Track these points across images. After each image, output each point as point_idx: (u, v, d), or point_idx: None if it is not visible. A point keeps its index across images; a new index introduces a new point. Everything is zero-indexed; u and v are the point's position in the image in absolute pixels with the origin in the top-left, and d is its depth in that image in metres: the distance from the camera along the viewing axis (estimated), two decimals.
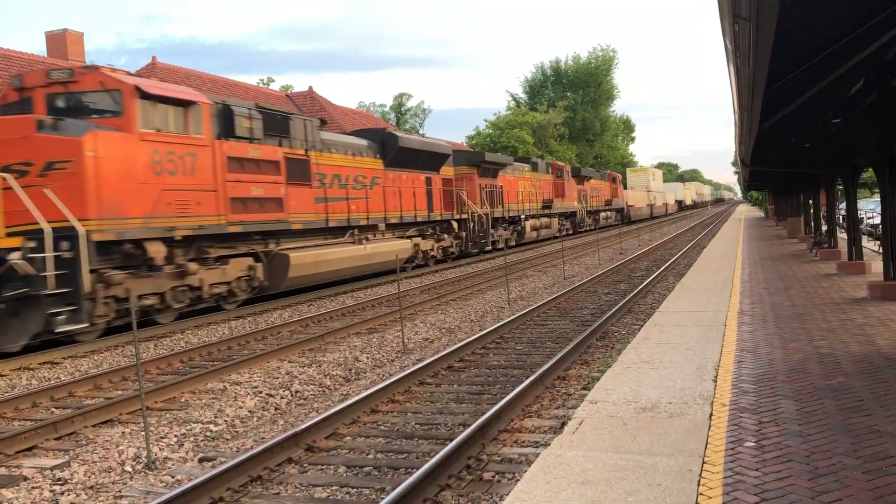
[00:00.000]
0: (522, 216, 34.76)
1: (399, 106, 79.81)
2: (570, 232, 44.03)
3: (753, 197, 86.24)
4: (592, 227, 49.49)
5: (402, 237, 23.01)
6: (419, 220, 23.91)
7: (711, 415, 5.59)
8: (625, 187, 68.96)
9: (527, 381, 7.77)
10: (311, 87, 38.78)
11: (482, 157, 30.67)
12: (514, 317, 12.68)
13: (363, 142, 21.44)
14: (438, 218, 25.53)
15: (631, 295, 14.87)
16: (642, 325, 10.28)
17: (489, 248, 30.06)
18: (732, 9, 4.62)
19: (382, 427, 7.09)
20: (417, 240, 24.06)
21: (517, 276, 20.97)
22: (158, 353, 11.80)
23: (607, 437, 5.24)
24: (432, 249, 25.39)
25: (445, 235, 26.29)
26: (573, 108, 77.17)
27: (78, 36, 27.71)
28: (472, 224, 28.38)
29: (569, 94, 79.96)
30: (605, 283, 18.41)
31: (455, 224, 27.15)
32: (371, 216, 20.61)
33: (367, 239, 20.33)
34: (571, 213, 44.78)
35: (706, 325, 9.51)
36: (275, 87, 54.41)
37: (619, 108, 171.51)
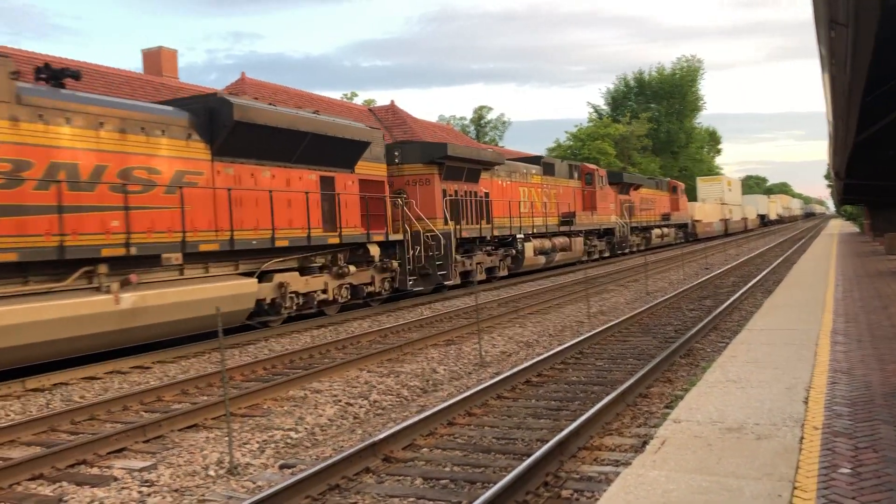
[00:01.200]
0: (519, 235, 25.48)
1: (479, 119, 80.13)
2: (606, 255, 35.42)
3: (847, 211, 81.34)
4: (642, 248, 40.82)
5: (244, 273, 14.14)
6: (296, 243, 15.17)
7: (802, 438, 5.33)
8: (694, 199, 63.31)
9: (607, 397, 7.61)
10: (392, 101, 39.31)
11: (443, 150, 20.97)
12: (594, 332, 12.47)
13: (165, 113, 13.14)
14: (342, 240, 16.59)
15: (717, 311, 14.42)
16: (728, 343, 9.94)
17: (451, 280, 20.66)
18: (829, 14, 4.43)
19: (459, 440, 7.05)
20: (287, 276, 15.11)
21: (597, 291, 20.65)
22: (243, 360, 12.10)
23: (691, 457, 5.07)
24: (325, 290, 16.30)
25: (352, 267, 17.02)
26: (657, 119, 75.75)
27: (171, 53, 28.86)
28: (419, 248, 19.75)
29: (653, 105, 78.56)
30: (690, 299, 17.92)
31: (377, 249, 17.94)
32: (151, 239, 12.25)
33: (128, 282, 11.72)
34: (607, 231, 35.31)
35: (797, 343, 9.12)
36: (358, 101, 55.46)
37: (704, 119, 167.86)
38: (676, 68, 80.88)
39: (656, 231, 44.29)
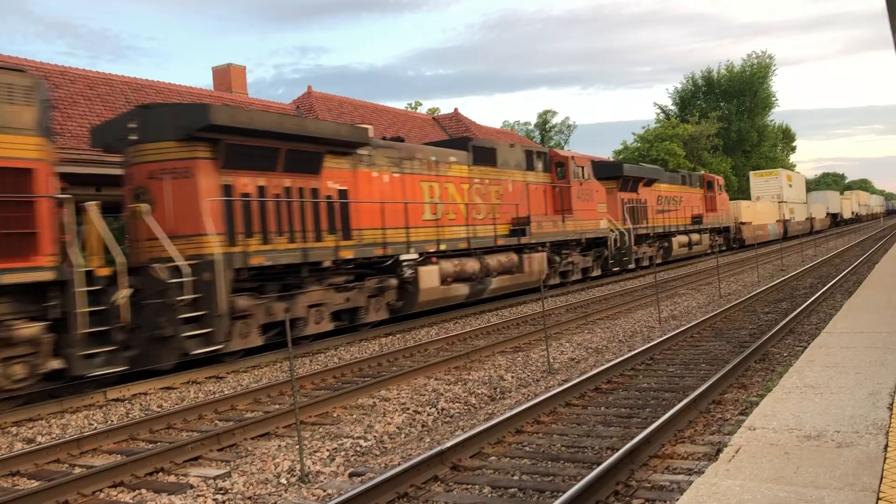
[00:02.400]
0: (407, 256, 16.46)
1: (543, 123, 79.80)
2: (594, 274, 25.90)
3: None
4: (658, 261, 30.91)
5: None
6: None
7: (887, 446, 5.10)
8: (748, 197, 56.16)
9: (679, 404, 7.44)
10: (455, 109, 39.46)
11: (204, 116, 12.20)
12: (665, 337, 12.22)
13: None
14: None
15: (793, 314, 13.95)
16: (806, 347, 9.61)
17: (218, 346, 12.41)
18: None
19: (527, 448, 7.00)
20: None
21: (669, 295, 20.25)
22: (313, 368, 12.28)
23: (767, 466, 4.91)
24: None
25: None
26: (727, 118, 73.98)
27: (241, 70, 29.63)
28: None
29: (722, 104, 76.78)
30: (765, 302, 17.40)
31: None
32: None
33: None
34: (594, 241, 25.41)
35: (880, 347, 8.75)
36: (422, 110, 55.90)
37: (777, 116, 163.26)
38: (746, 65, 78.91)
39: (680, 238, 33.80)
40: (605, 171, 28.00)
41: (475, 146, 19.86)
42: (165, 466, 7.13)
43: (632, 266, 28.17)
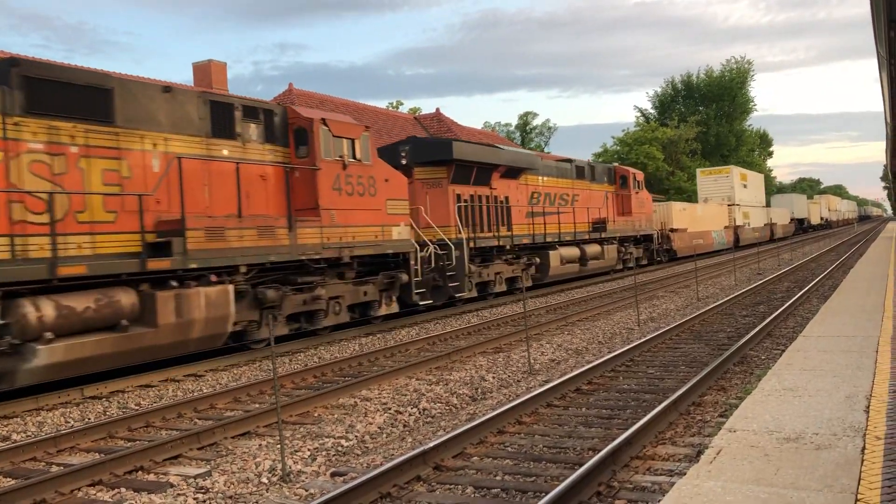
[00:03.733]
0: None
1: (524, 125, 79.96)
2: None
3: None
4: (526, 284, 22.12)
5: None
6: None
7: (864, 448, 5.18)
8: (692, 199, 50.24)
9: (660, 406, 7.50)
10: (437, 109, 39.46)
11: None
12: (644, 339, 12.31)
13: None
14: None
15: (770, 318, 14.11)
16: (784, 351, 9.73)
17: None
18: (888, 12, 4.32)
19: (510, 448, 7.02)
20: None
21: (647, 297, 20.39)
22: (293, 367, 12.22)
23: (748, 468, 4.96)
24: None
25: None
26: (706, 122, 74.67)
27: (221, 66, 29.37)
28: None
29: (701, 108, 77.50)
30: (743, 305, 17.58)
31: None
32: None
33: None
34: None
35: (856, 351, 8.87)
36: (403, 109, 55.83)
37: (755, 121, 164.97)
38: (725, 70, 79.72)
39: (564, 252, 24.69)
40: (427, 154, 19.49)
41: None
42: (145, 465, 7.06)
43: (465, 294, 19.35)
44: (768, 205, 65.74)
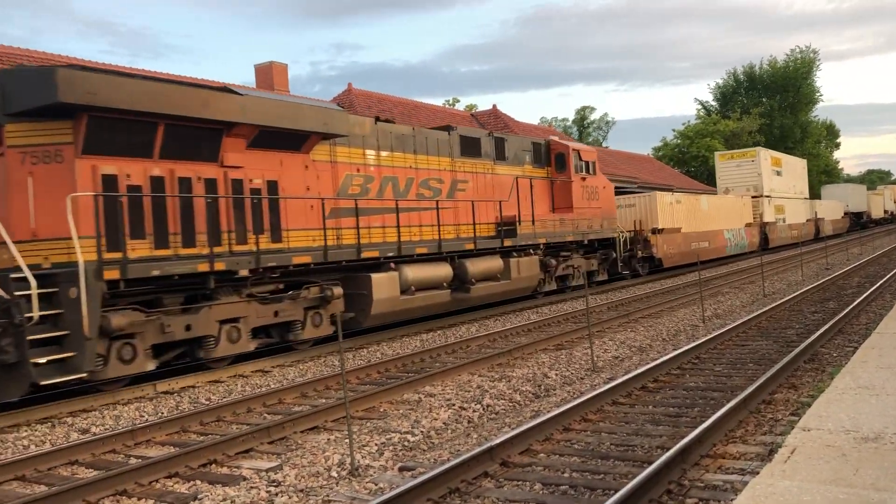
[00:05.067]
0: None
1: (582, 119, 79.32)
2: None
3: None
4: (315, 336, 13.66)
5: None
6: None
7: None
8: (713, 184, 43.90)
9: (729, 404, 7.38)
10: (494, 105, 39.42)
11: None
12: (710, 336, 12.10)
13: None
14: None
15: (842, 314, 13.71)
16: (857, 348, 9.45)
17: None
18: None
19: (576, 446, 7.00)
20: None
21: (711, 293, 20.02)
22: (357, 363, 12.39)
23: (824, 467, 4.85)
24: None
25: None
26: (769, 114, 72.83)
27: (282, 67, 29.88)
28: None
29: (764, 99, 75.58)
30: (811, 302, 17.13)
31: None
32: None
33: None
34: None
35: None
36: (459, 106, 55.95)
37: (821, 112, 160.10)
38: (790, 60, 77.59)
39: (396, 276, 15.06)
40: (24, 97, 10.15)
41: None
42: (218, 458, 7.27)
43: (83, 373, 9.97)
44: (816, 197, 56.40)
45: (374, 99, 31.80)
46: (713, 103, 77.80)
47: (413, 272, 15.53)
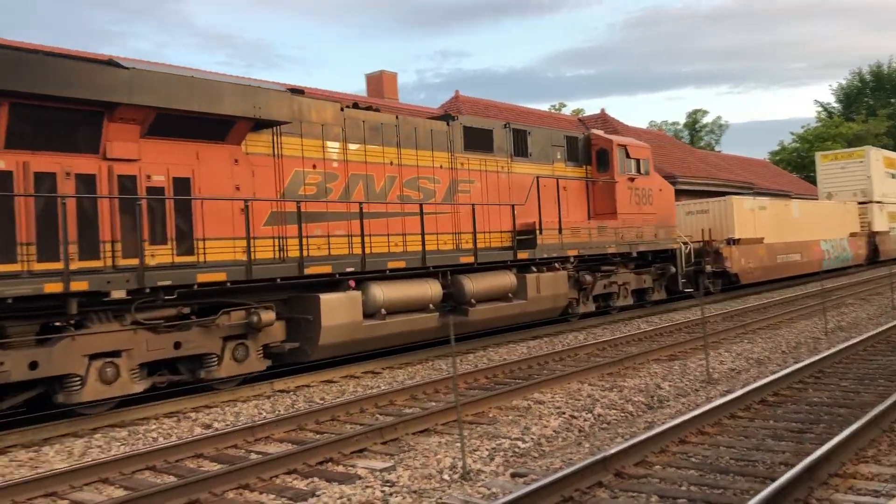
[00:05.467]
0: None
1: (693, 123, 77.12)
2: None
3: None
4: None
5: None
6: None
7: None
8: (816, 178, 38.70)
9: (860, 421, 6.99)
10: (602, 110, 38.85)
11: None
12: (834, 350, 11.51)
13: None
14: None
15: None
16: None
17: None
18: None
19: (693, 459, 6.79)
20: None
21: (834, 305, 19.04)
22: (464, 368, 12.46)
23: None
24: None
25: None
26: None
27: (392, 76, 30.48)
28: None
29: (893, 100, 71.27)
30: None
31: None
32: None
33: None
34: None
35: None
36: (566, 111, 55.50)
37: None
38: None
39: (356, 298, 12.18)
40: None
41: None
42: (334, 457, 7.46)
43: None
44: None
45: (482, 105, 31.94)
46: (835, 105, 74.03)
47: (384, 291, 12.65)
